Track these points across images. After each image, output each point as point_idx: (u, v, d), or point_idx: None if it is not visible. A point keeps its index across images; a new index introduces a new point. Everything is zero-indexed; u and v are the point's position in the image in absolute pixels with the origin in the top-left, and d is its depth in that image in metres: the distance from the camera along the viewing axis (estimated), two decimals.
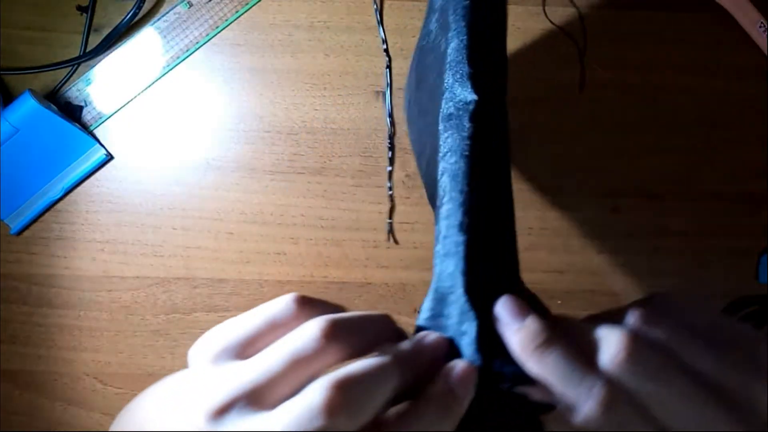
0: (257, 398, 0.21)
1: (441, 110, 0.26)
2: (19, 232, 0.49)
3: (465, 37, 0.25)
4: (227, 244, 0.49)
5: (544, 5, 0.48)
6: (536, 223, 0.49)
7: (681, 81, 0.49)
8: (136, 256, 0.49)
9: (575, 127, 0.49)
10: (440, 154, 0.25)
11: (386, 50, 0.48)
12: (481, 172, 0.24)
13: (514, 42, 0.48)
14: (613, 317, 0.24)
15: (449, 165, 0.24)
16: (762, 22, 0.47)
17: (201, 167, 0.49)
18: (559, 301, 0.49)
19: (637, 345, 0.21)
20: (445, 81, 0.26)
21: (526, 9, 0.48)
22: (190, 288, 0.49)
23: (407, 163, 0.49)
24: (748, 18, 0.48)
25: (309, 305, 0.23)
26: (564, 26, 0.48)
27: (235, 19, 0.48)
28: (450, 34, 0.26)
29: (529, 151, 0.49)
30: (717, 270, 0.50)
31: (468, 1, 0.26)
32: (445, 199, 0.24)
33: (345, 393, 0.20)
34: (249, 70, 0.48)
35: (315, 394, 0.20)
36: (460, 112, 0.25)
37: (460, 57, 0.25)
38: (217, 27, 0.48)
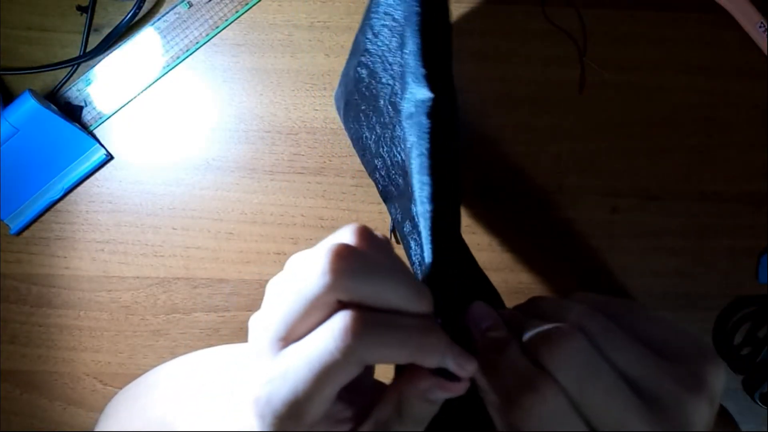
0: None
1: (402, 110, 0.29)
2: (19, 232, 0.49)
3: (419, 40, 0.28)
4: (227, 244, 0.49)
5: (543, 5, 0.48)
6: (536, 223, 0.49)
7: (681, 81, 0.49)
8: (136, 256, 0.49)
9: (575, 127, 0.49)
10: (407, 149, 0.29)
11: None
12: (439, 162, 0.27)
13: (514, 42, 0.48)
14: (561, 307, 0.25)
15: (413, 158, 0.28)
16: (762, 23, 0.47)
17: (201, 167, 0.49)
18: None
19: (570, 343, 0.22)
20: (407, 83, 0.29)
21: (526, 9, 0.48)
22: (190, 288, 0.49)
23: None
24: (748, 18, 0.48)
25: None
26: (564, 26, 0.48)
27: (235, 19, 0.48)
28: (406, 40, 0.29)
29: (529, 151, 0.49)
30: (717, 270, 0.50)
31: (419, 8, 0.29)
32: (415, 189, 0.28)
33: (351, 254, 0.22)
34: (249, 70, 0.48)
35: (320, 256, 0.22)
36: (419, 109, 0.28)
37: (416, 60, 0.28)
38: (217, 27, 0.48)
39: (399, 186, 0.36)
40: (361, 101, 0.38)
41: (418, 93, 0.28)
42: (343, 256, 0.21)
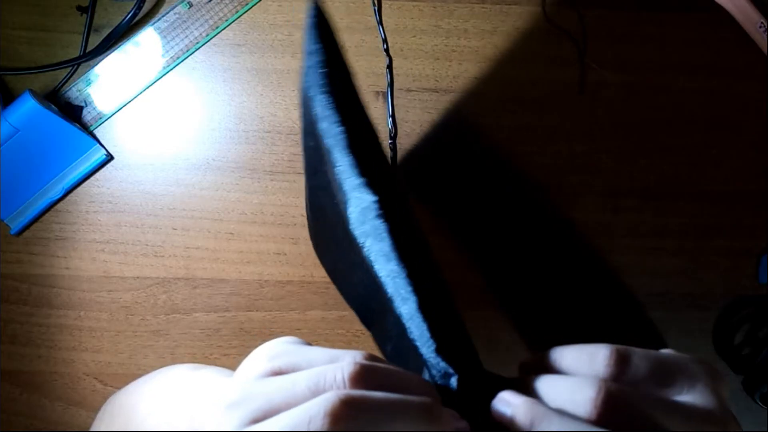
0: (271, 410, 0.21)
1: (349, 220, 0.28)
2: (19, 233, 0.49)
3: (350, 157, 0.27)
4: (227, 244, 0.49)
5: (544, 5, 0.48)
6: (536, 224, 0.49)
7: (681, 81, 0.49)
8: (136, 257, 0.49)
9: (575, 127, 0.49)
10: (369, 262, 0.27)
11: (386, 50, 0.48)
12: (412, 261, 0.26)
13: (514, 42, 0.49)
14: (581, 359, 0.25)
15: (383, 268, 0.27)
16: (762, 23, 0.47)
17: (201, 167, 0.49)
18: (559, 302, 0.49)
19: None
20: (345, 192, 0.28)
21: (526, 9, 0.48)
22: (190, 288, 0.49)
23: (408, 163, 0.49)
24: (748, 18, 0.48)
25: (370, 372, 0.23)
26: (564, 26, 0.48)
27: (235, 19, 0.48)
28: (333, 157, 0.28)
29: (530, 151, 0.49)
30: (717, 270, 0.50)
31: (342, 127, 0.28)
32: (399, 305, 0.26)
33: (351, 409, 0.20)
34: (249, 70, 0.48)
35: (321, 400, 0.20)
36: (368, 216, 0.27)
37: (354, 172, 0.27)
38: (217, 27, 0.48)
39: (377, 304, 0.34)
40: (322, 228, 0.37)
41: (362, 200, 0.27)
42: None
